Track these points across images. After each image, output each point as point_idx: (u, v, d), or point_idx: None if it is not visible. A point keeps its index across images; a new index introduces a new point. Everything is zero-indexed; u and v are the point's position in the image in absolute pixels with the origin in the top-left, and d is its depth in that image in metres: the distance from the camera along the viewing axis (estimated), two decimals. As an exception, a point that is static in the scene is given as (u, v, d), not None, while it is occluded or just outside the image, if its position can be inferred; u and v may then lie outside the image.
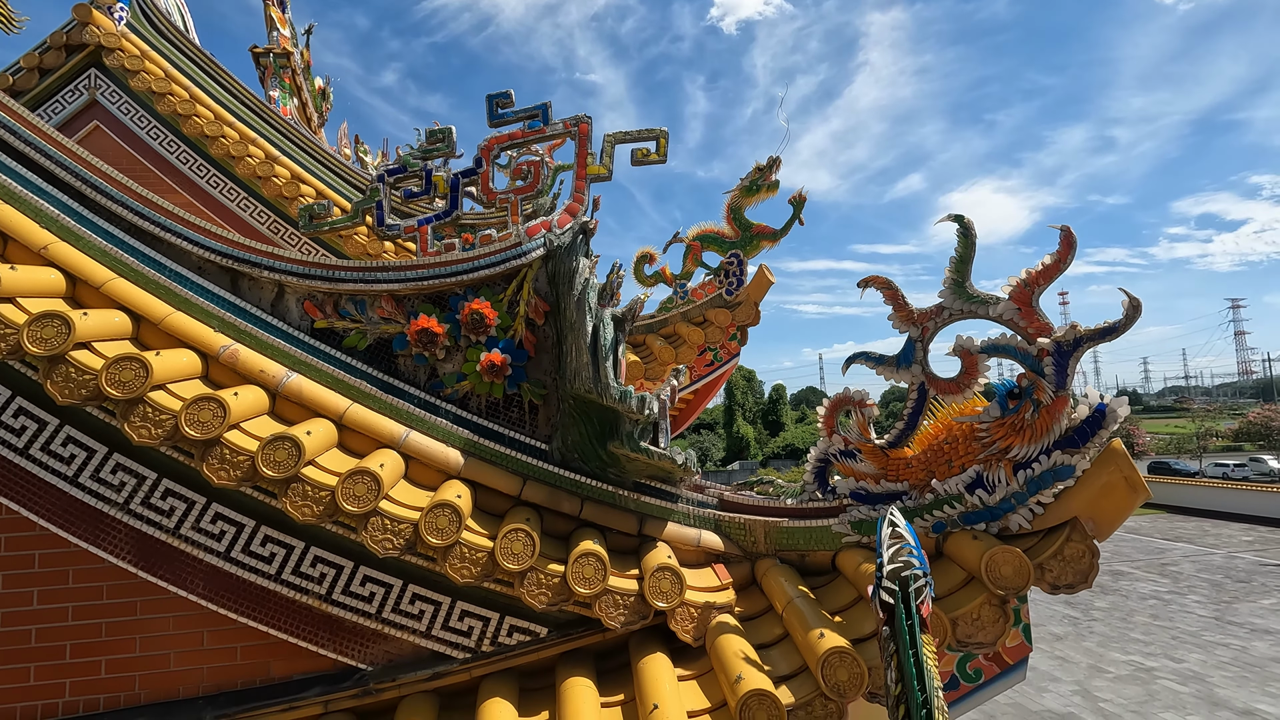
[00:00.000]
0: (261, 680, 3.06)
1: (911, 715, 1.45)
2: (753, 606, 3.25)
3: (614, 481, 3.46)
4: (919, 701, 1.45)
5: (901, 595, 1.61)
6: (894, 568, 1.68)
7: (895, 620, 1.59)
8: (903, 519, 1.83)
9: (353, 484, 2.91)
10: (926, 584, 1.65)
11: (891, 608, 1.62)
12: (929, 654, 1.53)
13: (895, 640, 1.57)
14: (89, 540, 2.93)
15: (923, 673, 1.49)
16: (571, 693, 2.87)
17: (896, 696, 1.52)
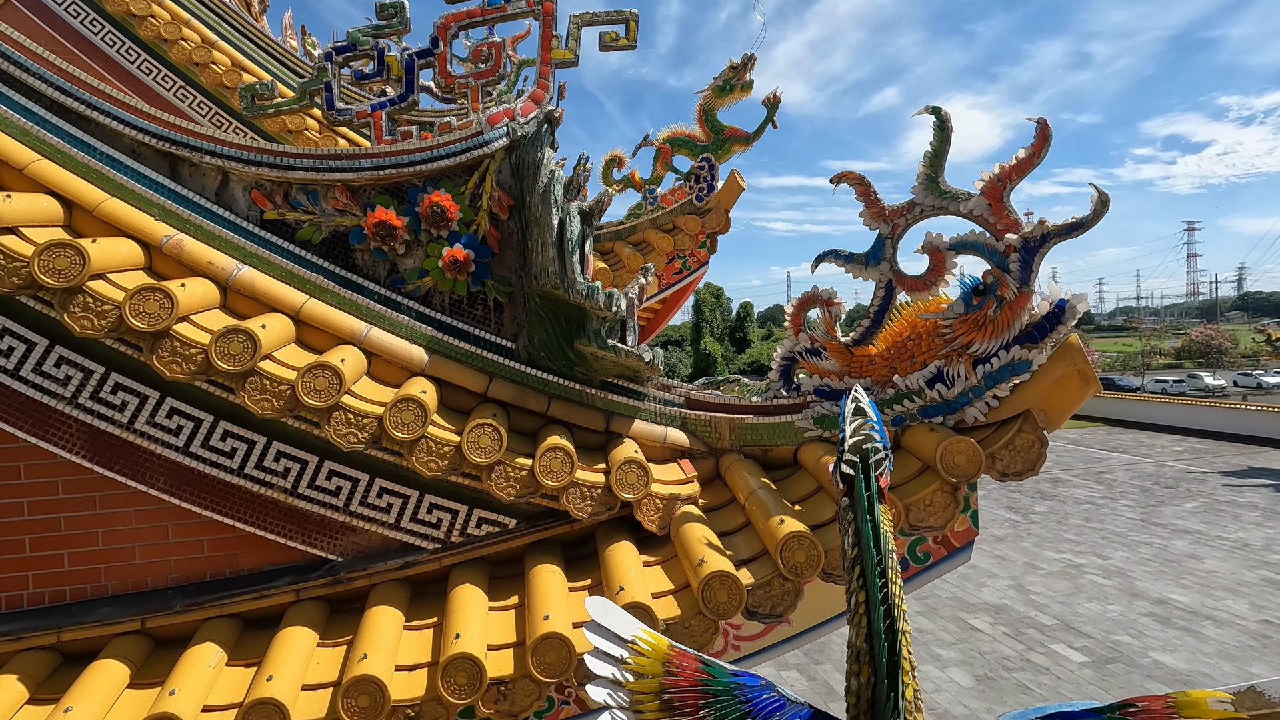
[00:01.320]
0: (231, 571, 3.09)
1: (866, 574, 1.53)
2: (716, 499, 3.36)
3: (581, 380, 3.45)
4: (874, 560, 1.52)
5: (862, 466, 1.66)
6: (856, 440, 1.72)
7: (855, 490, 1.64)
8: (866, 396, 1.86)
9: (313, 378, 2.84)
10: (886, 457, 1.70)
11: (851, 479, 1.66)
12: (885, 521, 1.59)
13: (854, 509, 1.63)
14: (37, 435, 2.84)
15: (879, 536, 1.55)
16: (540, 578, 2.97)
17: (853, 559, 1.59)
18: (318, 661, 2.78)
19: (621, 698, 1.57)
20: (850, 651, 1.54)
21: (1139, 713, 1.29)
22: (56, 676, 2.79)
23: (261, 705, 2.48)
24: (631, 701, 1.56)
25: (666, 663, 1.61)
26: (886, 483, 1.67)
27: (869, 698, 1.47)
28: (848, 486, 1.66)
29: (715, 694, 1.54)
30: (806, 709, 1.56)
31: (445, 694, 2.57)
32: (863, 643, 1.49)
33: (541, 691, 2.69)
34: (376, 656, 2.62)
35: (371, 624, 2.82)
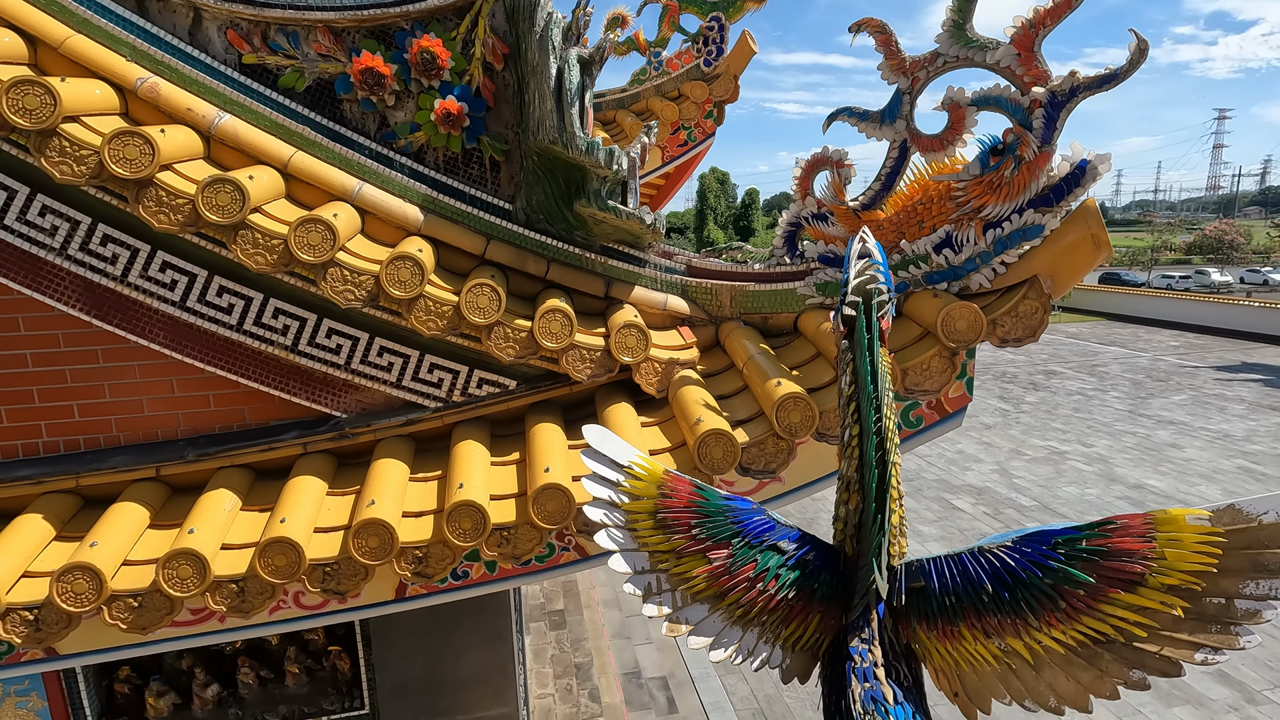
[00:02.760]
0: (238, 425, 3.16)
1: (862, 409, 1.55)
2: (715, 365, 3.38)
3: (581, 244, 3.38)
4: (870, 396, 1.53)
5: (864, 307, 1.64)
6: (860, 281, 1.69)
7: (855, 331, 1.63)
8: (873, 238, 1.81)
9: (306, 232, 2.77)
10: (890, 300, 1.68)
11: (853, 320, 1.65)
12: (884, 361, 1.59)
13: (854, 349, 1.62)
14: (30, 286, 2.81)
15: (877, 374, 1.56)
16: (540, 435, 3.04)
17: (849, 396, 1.60)
18: (328, 508, 2.90)
19: (617, 518, 1.64)
20: (840, 482, 1.60)
21: (1118, 529, 1.35)
22: (79, 517, 2.93)
23: (276, 544, 2.62)
24: (627, 521, 1.64)
25: (661, 486, 1.67)
26: (888, 326, 1.66)
27: (856, 523, 1.54)
28: (848, 328, 1.65)
29: (707, 515, 1.61)
30: (795, 530, 1.63)
31: (451, 537, 2.70)
32: (853, 472, 1.54)
33: (542, 537, 2.83)
34: (384, 502, 2.74)
35: (378, 475, 2.92)
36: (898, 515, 1.54)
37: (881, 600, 1.56)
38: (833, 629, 1.63)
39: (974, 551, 1.52)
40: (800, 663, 1.67)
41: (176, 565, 2.57)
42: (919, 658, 1.60)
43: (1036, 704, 1.45)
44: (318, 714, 3.78)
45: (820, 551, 1.66)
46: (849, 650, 1.49)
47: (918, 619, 1.57)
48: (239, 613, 2.68)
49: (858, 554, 1.60)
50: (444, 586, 2.97)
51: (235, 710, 3.69)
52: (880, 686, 1.41)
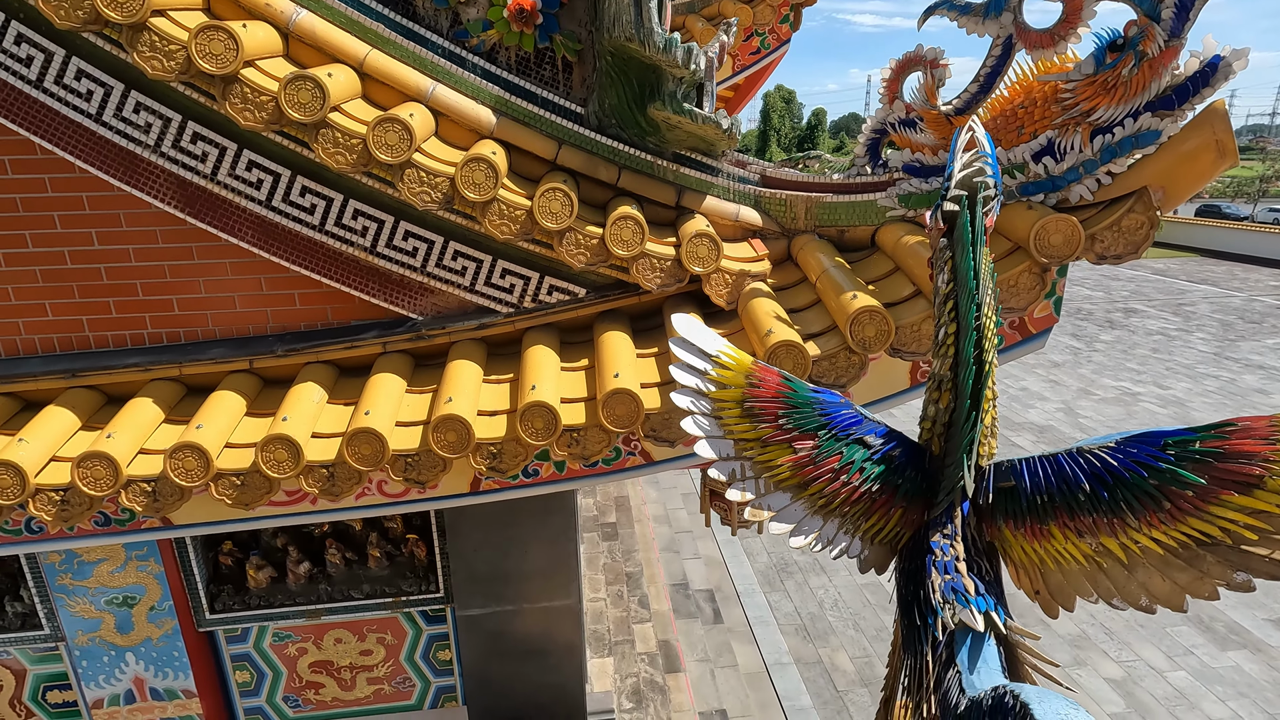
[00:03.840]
0: (322, 324, 3.31)
1: (960, 307, 1.50)
2: (786, 279, 3.31)
3: (653, 151, 3.29)
4: (971, 291, 1.48)
5: (969, 201, 1.56)
6: (966, 173, 1.60)
7: (957, 229, 1.56)
8: (983, 129, 1.70)
9: (384, 132, 2.78)
10: (996, 196, 1.59)
11: (954, 216, 1.57)
12: (986, 260, 1.52)
13: (954, 248, 1.56)
14: (128, 182, 2.94)
15: (978, 273, 1.49)
16: (610, 342, 3.08)
17: (946, 294, 1.55)
18: (407, 404, 3.04)
19: (703, 405, 1.67)
20: (931, 381, 1.57)
21: (1238, 432, 1.29)
22: (184, 404, 3.15)
23: (362, 434, 2.77)
24: (713, 409, 1.66)
25: (749, 375, 1.68)
26: (992, 224, 1.58)
27: (945, 421, 1.52)
28: (949, 225, 1.58)
29: (795, 405, 1.62)
30: (883, 426, 1.63)
31: (524, 436, 2.80)
32: (946, 371, 1.51)
33: (610, 441, 2.91)
34: (460, 400, 2.85)
35: (454, 374, 3.03)
36: (990, 416, 1.51)
37: (967, 498, 1.56)
38: (913, 524, 1.65)
39: (1072, 452, 1.49)
40: (878, 555, 1.70)
41: (273, 449, 2.76)
42: (1000, 556, 1.61)
43: (1126, 603, 1.45)
44: (397, 595, 4.10)
45: (906, 448, 1.66)
46: (930, 544, 1.51)
47: (1004, 518, 1.56)
48: (329, 496, 2.89)
49: (945, 452, 1.59)
50: (515, 483, 3.12)
51: (324, 586, 4.04)
52: (962, 579, 1.43)
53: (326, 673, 4.34)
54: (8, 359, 3.15)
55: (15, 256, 3.03)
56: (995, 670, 1.29)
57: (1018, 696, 1.03)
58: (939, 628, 1.37)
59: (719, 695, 8.72)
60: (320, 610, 4.06)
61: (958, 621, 1.35)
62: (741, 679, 8.99)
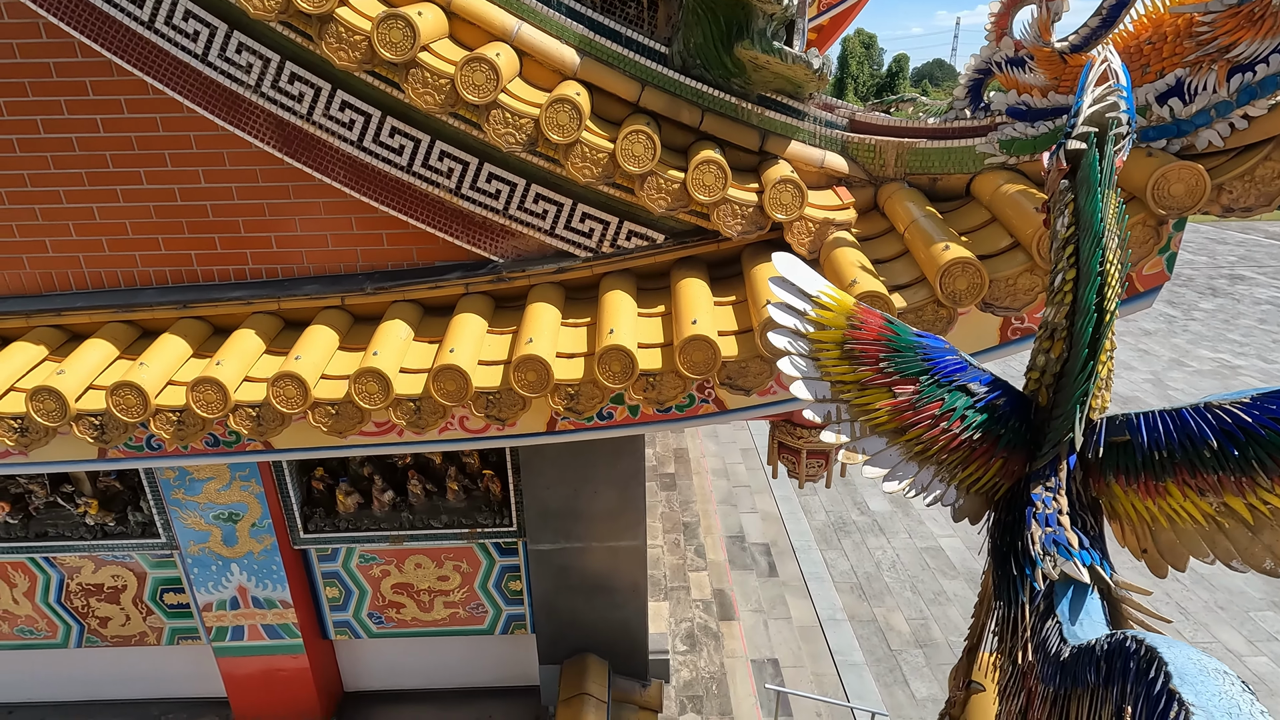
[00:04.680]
0: (408, 264, 3.41)
1: (1081, 252, 1.42)
2: (871, 228, 3.20)
3: (738, 93, 3.19)
4: (1096, 236, 1.39)
5: (1098, 139, 1.46)
6: (1097, 109, 1.49)
7: (1082, 168, 1.46)
8: (1119, 61, 1.57)
9: (471, 71, 2.80)
10: (1129, 134, 1.48)
11: (1078, 155, 1.48)
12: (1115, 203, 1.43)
13: (1078, 189, 1.46)
14: (231, 121, 3.06)
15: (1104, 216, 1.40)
16: (687, 289, 3.07)
17: (1065, 239, 1.47)
18: (488, 344, 3.13)
19: (801, 346, 1.66)
20: (1043, 330, 1.50)
21: None
22: (282, 336, 3.34)
23: (447, 370, 2.88)
24: (811, 350, 1.65)
25: (850, 317, 1.66)
26: (1122, 164, 1.47)
27: (1056, 372, 1.46)
28: (1073, 164, 1.48)
29: (897, 349, 1.59)
30: (988, 374, 1.58)
31: (601, 378, 2.85)
32: (1061, 319, 1.44)
33: (685, 387, 2.93)
34: (541, 341, 2.91)
35: (533, 316, 3.10)
36: (1106, 368, 1.44)
37: (1074, 452, 1.51)
38: (1013, 476, 1.61)
39: (1199, 407, 1.41)
40: (973, 505, 1.67)
41: (365, 382, 2.90)
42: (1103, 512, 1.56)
43: (1247, 565, 1.38)
44: (473, 526, 4.32)
45: (1011, 398, 1.61)
46: (1030, 496, 1.47)
47: (1115, 473, 1.51)
48: (415, 428, 3.03)
49: (1053, 404, 1.54)
50: (590, 425, 3.19)
51: (406, 515, 4.29)
52: (1064, 532, 1.39)
53: (407, 594, 4.64)
54: (127, 289, 3.40)
55: (132, 193, 3.22)
56: (1099, 623, 1.26)
57: (1141, 641, 1.00)
58: (1038, 578, 1.35)
59: (771, 645, 8.88)
60: (402, 536, 4.32)
61: (1060, 573, 1.32)
62: (794, 631, 9.12)
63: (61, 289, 3.40)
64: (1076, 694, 1.09)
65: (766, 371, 2.86)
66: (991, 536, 1.62)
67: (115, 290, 3.39)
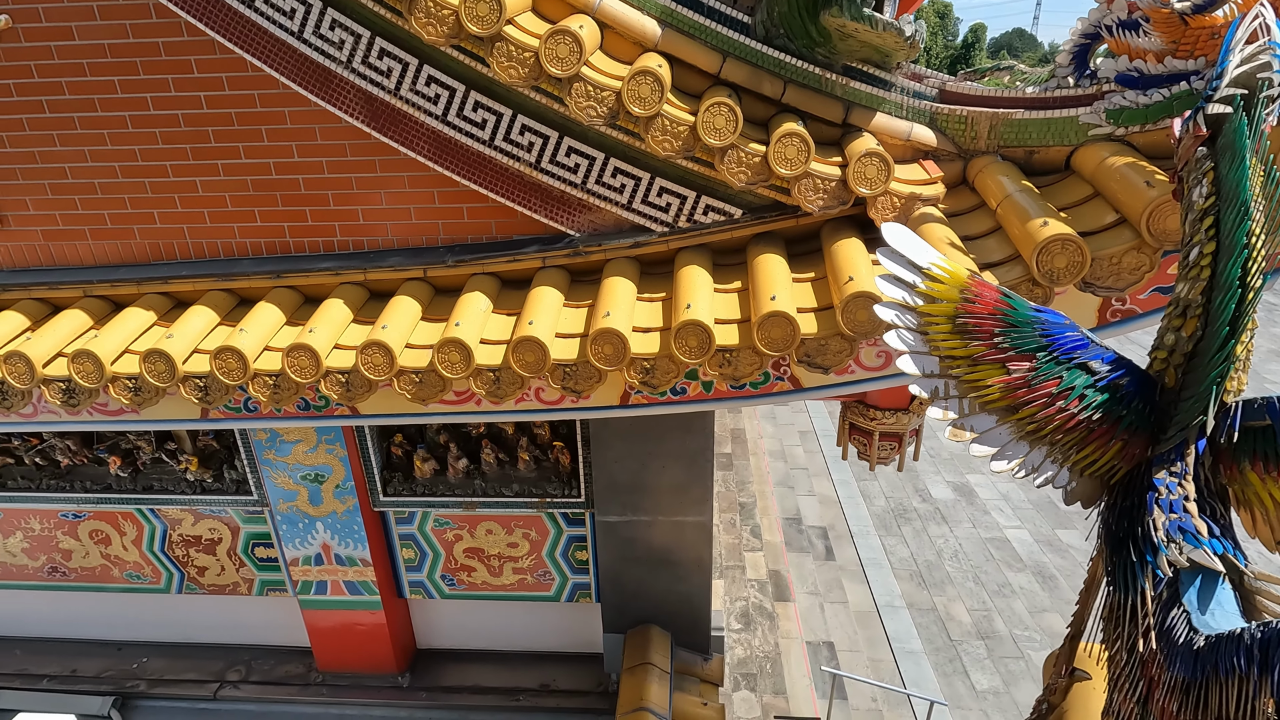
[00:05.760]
0: (487, 237, 3.48)
1: (1223, 224, 1.33)
2: (960, 204, 3.09)
3: (822, 64, 3.10)
4: (1241, 207, 1.30)
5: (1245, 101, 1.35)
6: (1247, 69, 1.39)
7: (1224, 134, 1.37)
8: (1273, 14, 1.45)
9: (555, 44, 2.81)
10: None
11: (1220, 120, 1.38)
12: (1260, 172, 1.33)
13: (1219, 156, 1.37)
14: (323, 97, 3.17)
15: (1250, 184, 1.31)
16: (765, 264, 3.03)
17: (1203, 209, 1.38)
18: (565, 317, 3.17)
19: (909, 320, 1.62)
20: (1173, 306, 1.43)
21: None
22: (368, 306, 3.47)
23: (526, 342, 2.94)
24: (920, 324, 1.61)
25: (964, 290, 1.61)
26: (1270, 128, 1.36)
27: (1187, 351, 1.39)
28: (1213, 130, 1.38)
29: (1014, 324, 1.54)
30: (1110, 352, 1.52)
31: (677, 353, 2.86)
32: (1196, 295, 1.36)
33: (762, 363, 2.91)
34: (618, 315, 2.94)
35: (610, 290, 3.12)
36: (1245, 349, 1.35)
37: (1204, 436, 1.43)
38: (1133, 459, 1.54)
39: None
40: (1087, 488, 1.61)
41: (448, 351, 2.99)
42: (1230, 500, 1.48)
43: None
44: (542, 496, 4.43)
45: (1135, 378, 1.53)
46: (1153, 481, 1.40)
47: (1251, 460, 1.42)
48: (493, 398, 3.11)
49: (1181, 385, 1.46)
50: (663, 399, 3.21)
51: (479, 482, 4.43)
52: (1191, 519, 1.33)
53: (478, 559, 4.81)
54: (226, 259, 3.58)
55: (231, 167, 3.38)
56: (1233, 614, 1.20)
57: None
58: (1161, 565, 1.29)
59: (827, 628, 8.83)
60: (474, 503, 4.46)
61: (1188, 561, 1.26)
62: (851, 615, 9.04)
63: (168, 258, 3.61)
64: (1219, 682, 1.05)
65: (847, 349, 2.81)
66: (1106, 522, 1.56)
67: (216, 260, 3.58)
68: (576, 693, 4.93)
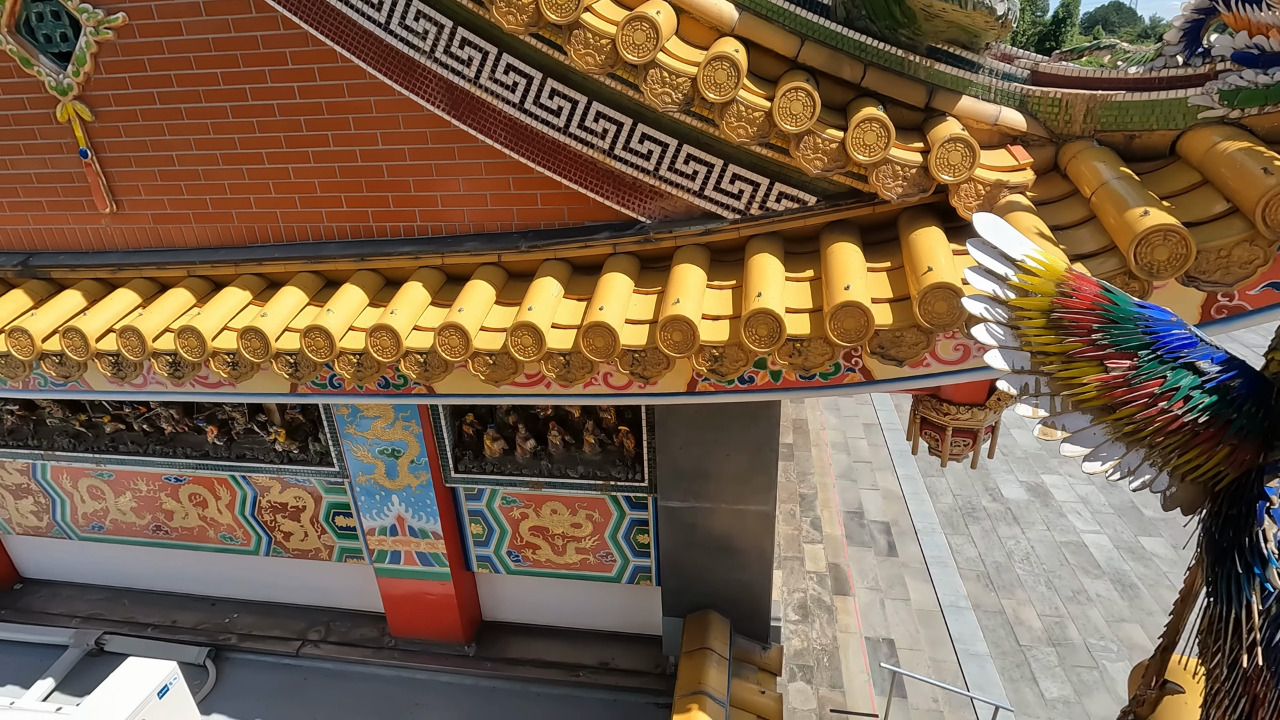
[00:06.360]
0: (559, 223, 3.54)
1: None
2: (1049, 192, 2.94)
3: (905, 46, 3.00)
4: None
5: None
6: None
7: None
8: None
9: (631, 31, 2.81)
10: None
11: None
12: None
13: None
14: (407, 86, 3.27)
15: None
16: (839, 253, 2.97)
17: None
18: (634, 303, 3.20)
19: (999, 313, 1.58)
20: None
21: None
22: (444, 290, 3.58)
23: (597, 327, 2.98)
24: (1011, 317, 1.56)
25: (1061, 284, 1.55)
26: None
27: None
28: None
29: (1114, 320, 1.47)
30: (1221, 352, 1.43)
31: (747, 341, 2.85)
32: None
33: (834, 354, 2.86)
34: (687, 302, 2.94)
35: (679, 278, 3.12)
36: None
37: (1326, 444, 1.34)
38: (1241, 466, 1.45)
39: None
40: (1188, 494, 1.53)
41: (521, 335, 3.07)
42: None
43: None
44: (606, 479, 4.50)
45: (1249, 379, 1.45)
46: (1264, 490, 1.32)
47: None
48: (563, 381, 3.17)
49: (1300, 389, 1.37)
50: (730, 388, 3.20)
51: (545, 463, 4.54)
52: (1307, 532, 1.25)
53: (543, 537, 4.95)
54: (314, 243, 3.77)
55: (321, 154, 3.55)
56: (1351, 633, 1.13)
57: None
58: (1271, 579, 1.22)
59: (887, 624, 8.67)
60: (540, 483, 4.58)
61: (1303, 576, 1.19)
62: (913, 613, 8.84)
63: (262, 241, 3.83)
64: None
65: (923, 342, 2.74)
66: (1208, 530, 1.47)
67: (305, 243, 3.78)
68: (634, 672, 5.02)
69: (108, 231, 3.93)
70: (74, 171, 3.78)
